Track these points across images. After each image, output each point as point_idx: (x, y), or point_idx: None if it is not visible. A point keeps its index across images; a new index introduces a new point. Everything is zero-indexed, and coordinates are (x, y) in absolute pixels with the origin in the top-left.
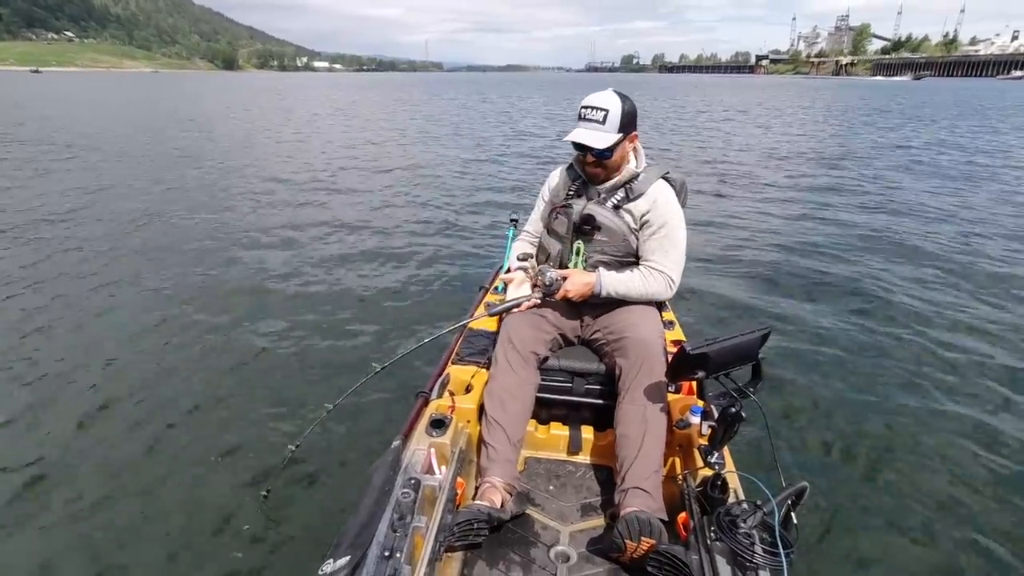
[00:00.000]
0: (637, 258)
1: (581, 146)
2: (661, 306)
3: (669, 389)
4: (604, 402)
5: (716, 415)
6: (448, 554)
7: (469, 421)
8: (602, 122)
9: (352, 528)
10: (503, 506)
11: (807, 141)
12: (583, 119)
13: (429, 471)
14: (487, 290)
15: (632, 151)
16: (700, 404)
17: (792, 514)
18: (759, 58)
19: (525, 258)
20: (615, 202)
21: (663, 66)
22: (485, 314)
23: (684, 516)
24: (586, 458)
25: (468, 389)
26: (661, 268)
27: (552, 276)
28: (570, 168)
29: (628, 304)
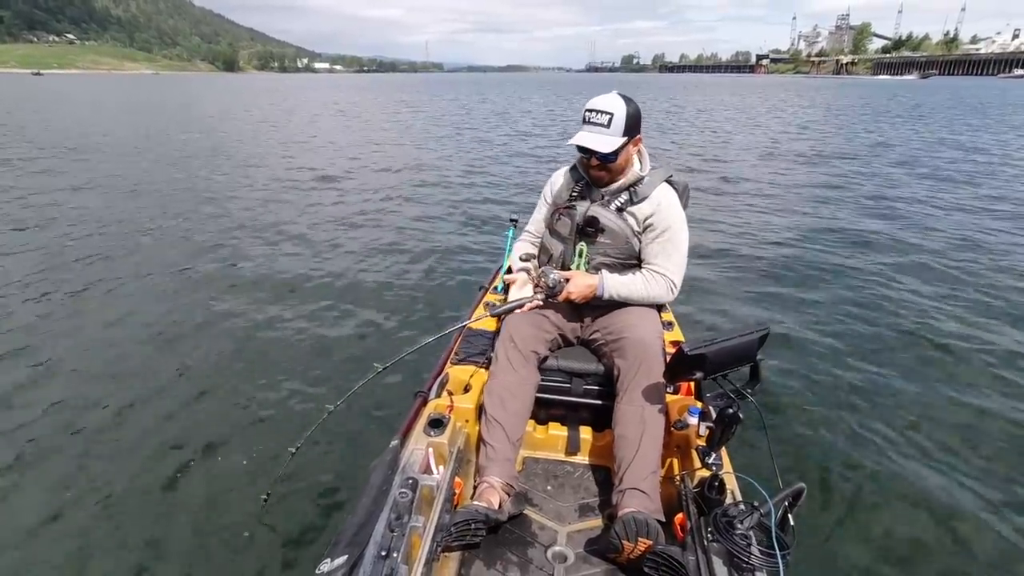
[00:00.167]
0: (639, 260)
1: (585, 149)
2: (660, 306)
3: (667, 390)
4: (602, 403)
5: (714, 416)
6: (445, 554)
7: (467, 421)
8: (607, 126)
9: (350, 527)
10: (501, 506)
11: (814, 141)
12: (587, 122)
13: (427, 471)
14: (487, 290)
15: (636, 154)
16: (698, 405)
17: (789, 515)
18: (759, 58)
19: (528, 259)
20: (619, 204)
21: (663, 66)
22: (486, 315)
23: (681, 517)
24: (584, 458)
25: (467, 389)
26: (663, 272)
27: (555, 278)
28: (573, 169)
29: (628, 305)
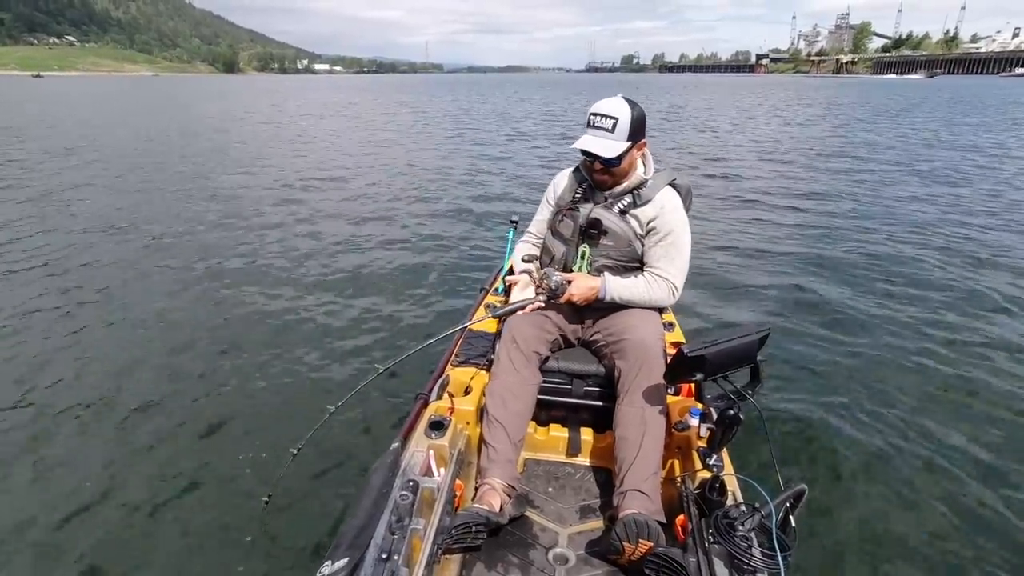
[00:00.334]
0: (641, 263)
1: (589, 153)
2: (661, 308)
3: (668, 391)
4: (603, 404)
5: (715, 417)
6: (446, 556)
7: (468, 423)
8: (611, 130)
9: (351, 530)
10: (502, 509)
11: (820, 141)
12: (592, 126)
13: (428, 473)
14: (487, 292)
15: (640, 158)
16: (699, 406)
17: (790, 517)
18: (759, 57)
19: (530, 260)
20: (622, 207)
21: (663, 66)
22: (487, 316)
23: (682, 518)
24: (585, 460)
25: (467, 391)
26: (666, 275)
27: (557, 279)
28: (577, 171)
29: (628, 307)
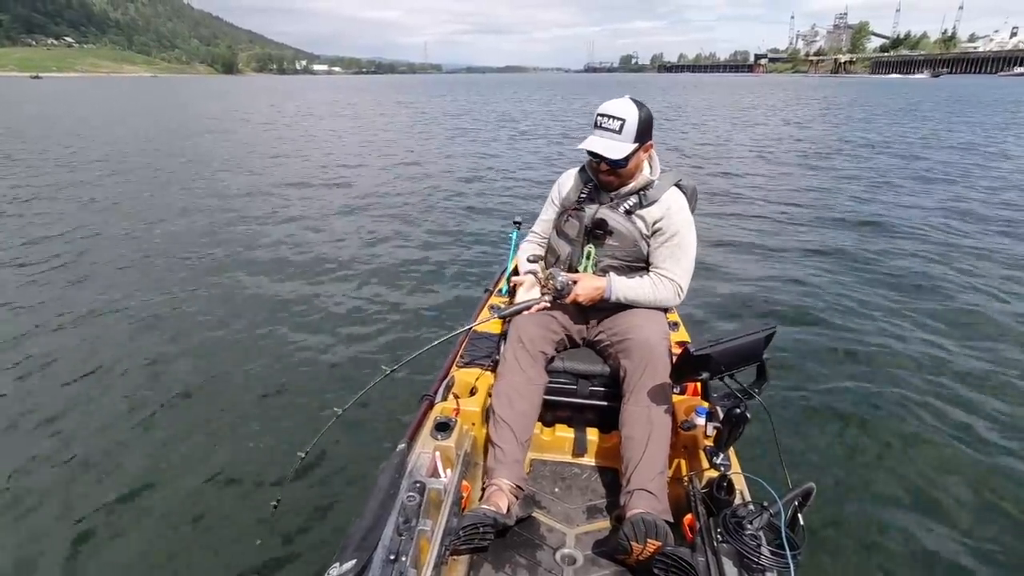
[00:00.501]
0: (647, 264)
1: (595, 154)
2: (666, 308)
3: (674, 390)
4: (609, 404)
5: (721, 416)
6: (454, 557)
7: (474, 424)
8: (618, 131)
9: (358, 531)
10: (509, 510)
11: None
12: (599, 127)
13: (434, 474)
14: (492, 292)
15: (647, 159)
16: (705, 405)
17: (799, 515)
18: (758, 57)
19: (535, 260)
20: (627, 207)
21: (662, 66)
22: (491, 317)
23: (690, 518)
24: (591, 460)
25: (473, 392)
26: (671, 276)
27: (563, 280)
28: (582, 171)
29: (633, 306)
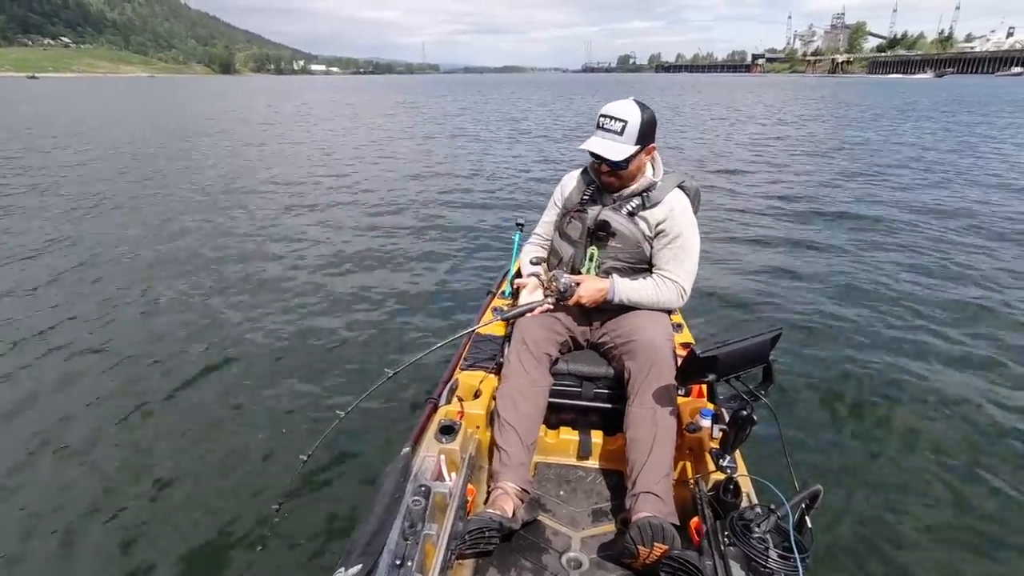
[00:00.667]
0: (649, 265)
1: (597, 155)
2: (669, 309)
3: (679, 392)
4: (613, 406)
5: (727, 418)
6: (459, 562)
7: (478, 427)
8: (620, 133)
9: (363, 536)
10: (514, 514)
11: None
12: (601, 128)
13: (439, 478)
14: (495, 295)
15: (650, 160)
16: (711, 407)
17: (806, 518)
18: (755, 57)
19: (538, 262)
20: (630, 209)
21: (659, 66)
22: (494, 319)
23: (696, 521)
24: (596, 463)
25: (477, 394)
26: (675, 278)
27: (566, 282)
28: (585, 172)
29: (637, 308)
